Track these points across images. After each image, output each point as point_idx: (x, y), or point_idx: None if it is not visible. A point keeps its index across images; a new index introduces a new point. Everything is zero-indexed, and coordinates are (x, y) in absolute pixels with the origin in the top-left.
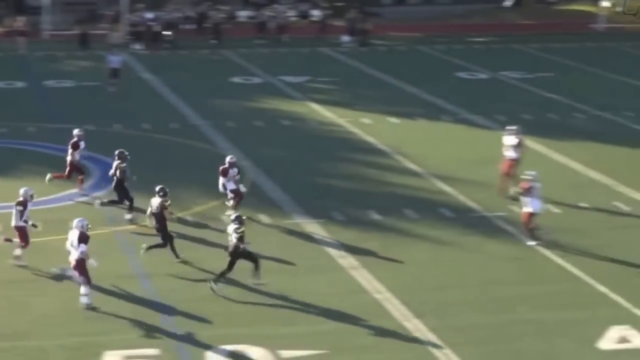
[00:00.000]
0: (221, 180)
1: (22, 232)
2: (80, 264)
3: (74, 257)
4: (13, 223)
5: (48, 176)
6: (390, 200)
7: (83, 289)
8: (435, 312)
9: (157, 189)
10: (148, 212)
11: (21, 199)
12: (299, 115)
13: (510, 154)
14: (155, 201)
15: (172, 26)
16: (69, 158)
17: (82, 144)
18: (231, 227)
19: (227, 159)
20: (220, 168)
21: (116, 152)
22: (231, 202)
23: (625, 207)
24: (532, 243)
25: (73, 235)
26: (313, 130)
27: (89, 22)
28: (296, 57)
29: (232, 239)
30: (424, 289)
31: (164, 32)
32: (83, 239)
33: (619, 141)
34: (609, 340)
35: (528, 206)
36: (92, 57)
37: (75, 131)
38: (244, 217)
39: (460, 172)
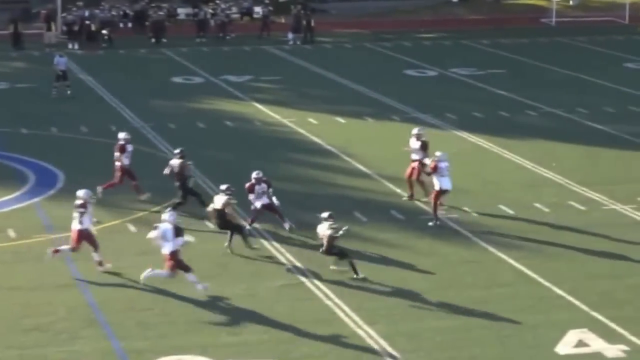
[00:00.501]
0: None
1: (83, 236)
2: (175, 256)
3: (167, 249)
4: (76, 226)
5: (98, 189)
6: (338, 202)
7: (191, 277)
8: (387, 318)
9: (224, 187)
10: (210, 208)
11: (81, 201)
12: (243, 115)
13: (415, 156)
14: (220, 199)
15: (110, 24)
16: (117, 164)
17: (129, 147)
18: (324, 225)
19: (253, 174)
20: (246, 185)
21: (177, 151)
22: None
23: (581, 207)
24: (431, 224)
25: (164, 228)
26: (258, 131)
27: (22, 20)
28: (239, 55)
29: (326, 234)
30: (375, 294)
31: (102, 31)
32: (178, 232)
33: (572, 139)
34: (566, 345)
35: (436, 185)
36: (26, 58)
37: (122, 135)
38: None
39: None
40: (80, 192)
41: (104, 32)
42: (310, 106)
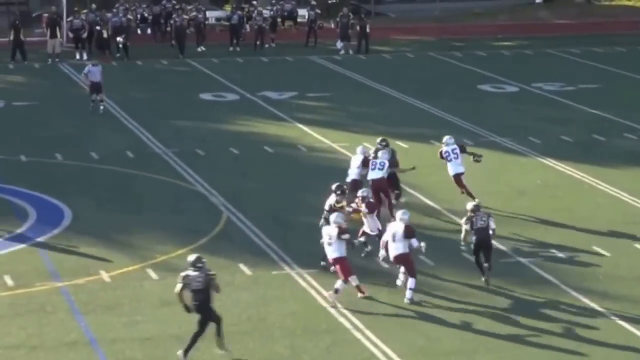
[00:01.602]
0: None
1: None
2: (408, 258)
3: (397, 250)
4: (335, 254)
5: (348, 209)
6: None
7: (411, 282)
8: None
9: (334, 186)
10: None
11: (344, 225)
12: (284, 139)
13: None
14: (331, 200)
15: (124, 30)
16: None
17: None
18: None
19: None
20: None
21: (379, 140)
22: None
23: None
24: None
25: (397, 227)
26: (302, 158)
27: (22, 26)
28: (280, 68)
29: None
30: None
31: (116, 38)
32: (410, 232)
33: None
34: None
35: (451, 170)
36: (25, 71)
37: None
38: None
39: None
40: (335, 217)
41: (118, 39)
42: (365, 128)
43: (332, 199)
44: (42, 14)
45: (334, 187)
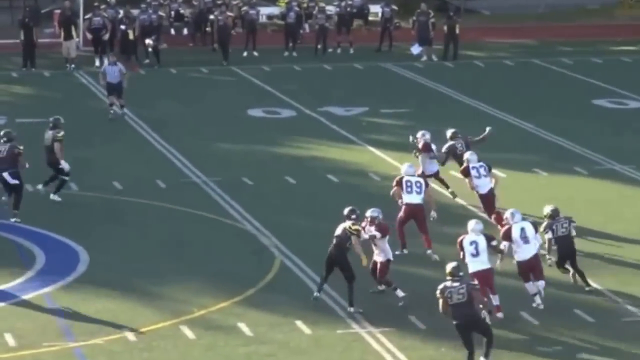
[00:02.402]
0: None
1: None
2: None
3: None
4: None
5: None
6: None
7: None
8: None
9: (347, 211)
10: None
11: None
12: (352, 166)
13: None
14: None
15: (155, 31)
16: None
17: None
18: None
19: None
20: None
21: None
22: None
23: None
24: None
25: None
26: (374, 189)
27: (36, 24)
28: (347, 77)
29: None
30: None
31: (146, 41)
32: (490, 237)
33: None
34: None
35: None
36: (32, 80)
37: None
38: None
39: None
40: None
41: (147, 41)
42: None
43: (346, 225)
44: (53, 10)
45: (346, 211)
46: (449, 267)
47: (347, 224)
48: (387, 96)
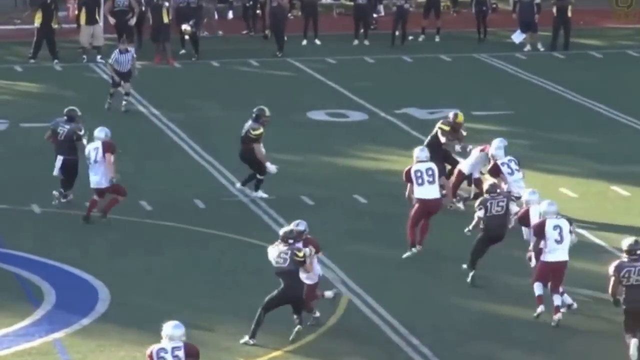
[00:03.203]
0: None
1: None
2: None
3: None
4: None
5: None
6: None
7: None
8: None
9: (282, 232)
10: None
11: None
12: None
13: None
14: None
15: (193, 15)
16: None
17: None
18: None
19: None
20: None
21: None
22: None
23: None
24: None
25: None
26: (464, 210)
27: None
28: (431, 72)
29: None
30: None
31: (182, 27)
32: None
33: None
34: None
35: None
36: (39, 75)
37: None
38: None
39: None
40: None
41: (183, 27)
42: (564, 165)
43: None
44: None
45: (282, 232)
46: (626, 243)
47: (283, 249)
48: (480, 95)
